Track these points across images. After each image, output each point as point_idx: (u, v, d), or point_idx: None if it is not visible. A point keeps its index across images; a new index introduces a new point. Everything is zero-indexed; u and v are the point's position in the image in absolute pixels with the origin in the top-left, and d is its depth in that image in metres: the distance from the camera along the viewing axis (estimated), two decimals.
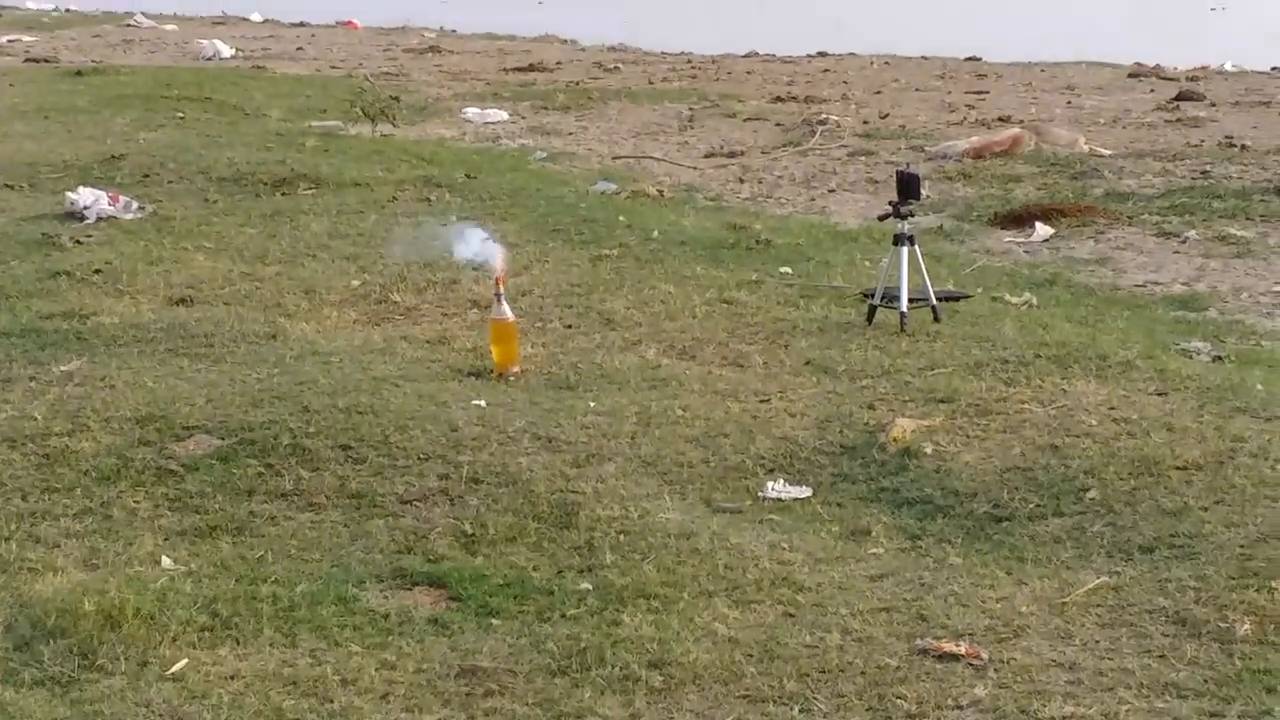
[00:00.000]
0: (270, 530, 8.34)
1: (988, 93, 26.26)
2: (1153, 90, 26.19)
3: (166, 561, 7.91)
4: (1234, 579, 7.45)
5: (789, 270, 13.50)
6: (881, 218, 12.61)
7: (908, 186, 11.72)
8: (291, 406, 9.76)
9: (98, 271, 13.26)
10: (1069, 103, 24.83)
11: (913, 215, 11.81)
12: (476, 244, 11.97)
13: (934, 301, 11.64)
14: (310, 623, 7.26)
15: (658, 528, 8.21)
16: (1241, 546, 7.79)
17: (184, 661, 6.88)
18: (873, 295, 11.73)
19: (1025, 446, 9.18)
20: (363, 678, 6.77)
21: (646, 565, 7.81)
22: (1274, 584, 7.31)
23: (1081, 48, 32.53)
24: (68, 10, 46.47)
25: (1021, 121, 22.08)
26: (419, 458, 9.08)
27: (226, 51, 33.45)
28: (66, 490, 8.76)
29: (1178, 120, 22.74)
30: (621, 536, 8.12)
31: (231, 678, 6.77)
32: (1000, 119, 22.80)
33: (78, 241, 14.52)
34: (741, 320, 11.87)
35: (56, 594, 7.34)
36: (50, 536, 8.19)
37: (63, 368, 10.68)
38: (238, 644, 7.07)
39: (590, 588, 7.61)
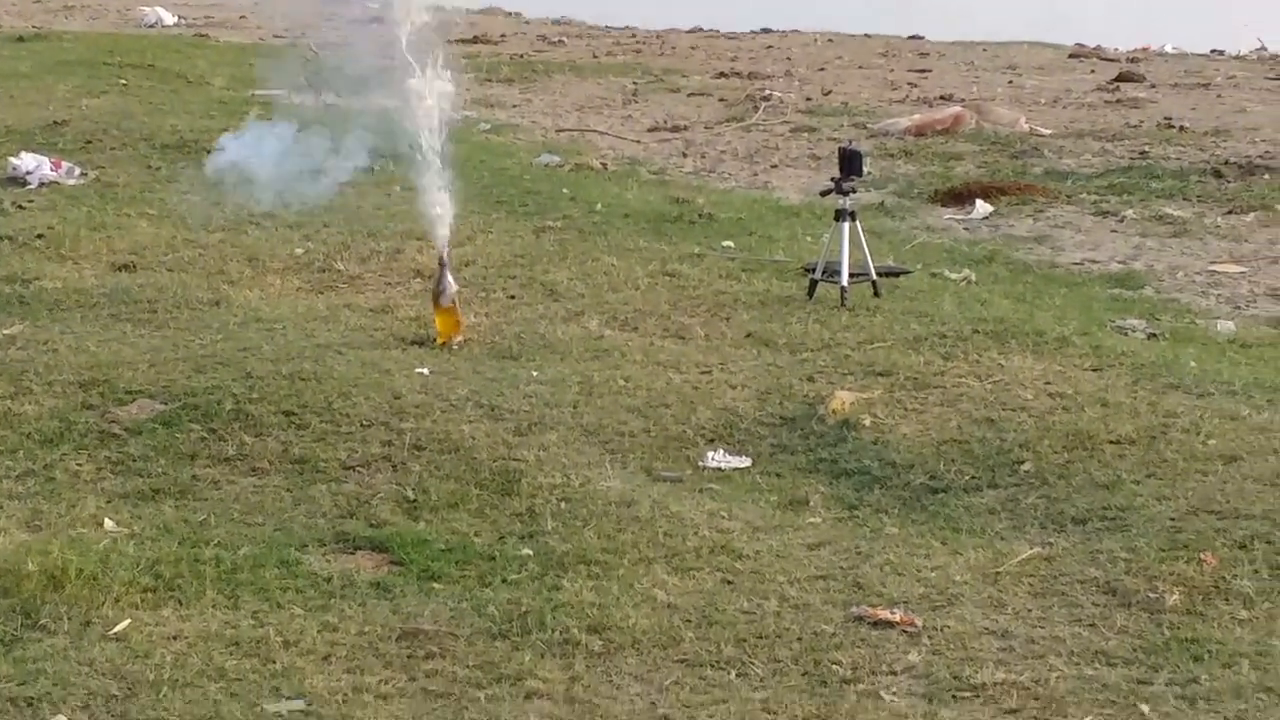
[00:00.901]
0: (213, 494, 8.41)
1: (930, 71, 26.33)
2: (1093, 71, 26.29)
3: (109, 524, 7.96)
4: (1164, 550, 7.60)
5: (731, 244, 13.59)
6: (824, 193, 12.72)
7: (850, 162, 11.84)
8: (235, 372, 9.81)
9: (40, 236, 13.25)
10: (1010, 82, 24.93)
11: (855, 191, 11.92)
12: None
13: (874, 277, 11.76)
14: (253, 585, 7.33)
15: (599, 495, 8.31)
16: (1172, 519, 7.95)
17: (127, 622, 6.94)
18: (814, 270, 11.84)
19: (962, 420, 9.31)
20: (305, 639, 6.85)
21: (587, 532, 7.91)
22: (1202, 555, 7.48)
23: (1024, 28, 32.63)
24: None
25: (963, 100, 22.17)
26: (362, 424, 9.15)
27: (169, 19, 33.20)
28: (9, 452, 8.81)
29: (1117, 101, 22.85)
30: (563, 504, 8.22)
31: (174, 638, 6.84)
32: (942, 97, 22.87)
33: (20, 206, 14.48)
34: (684, 293, 11.95)
35: (0, 555, 7.37)
36: None
37: (5, 331, 10.70)
38: (180, 605, 7.14)
39: (531, 553, 7.71)
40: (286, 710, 6.38)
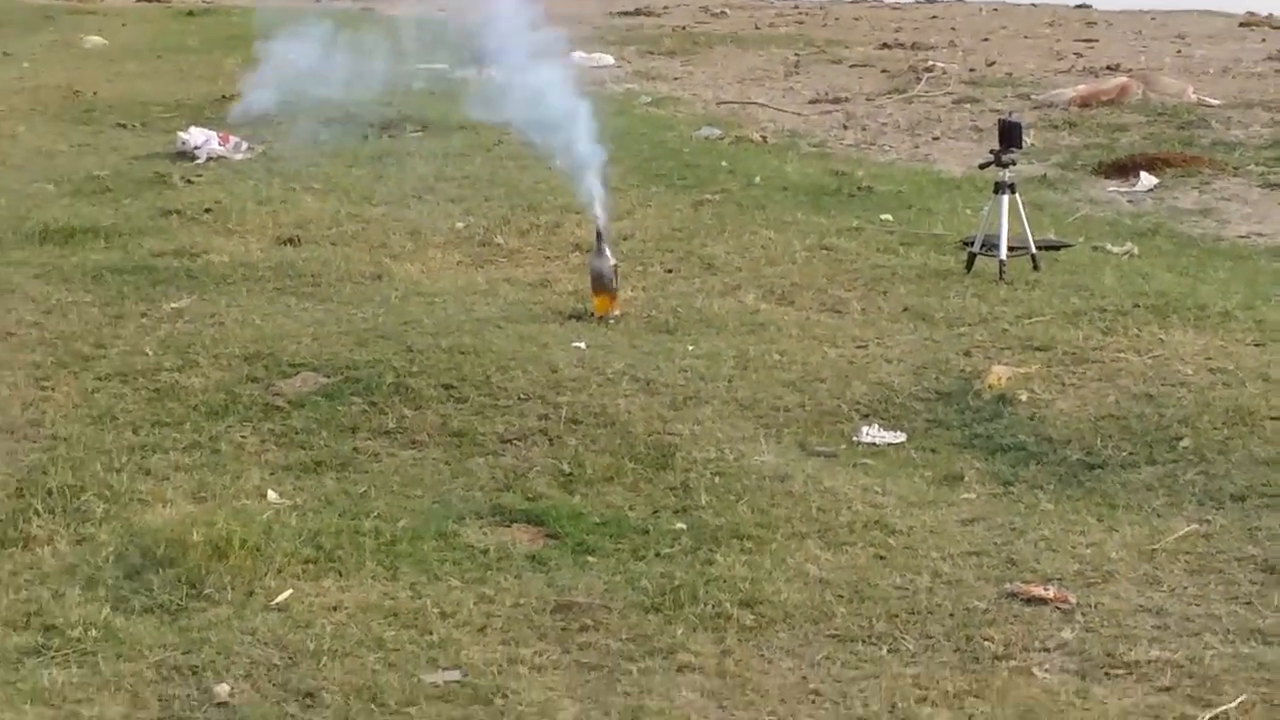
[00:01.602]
0: (373, 467, 8.51)
1: (1097, 41, 26.07)
2: (1264, 40, 25.94)
3: (272, 495, 8.09)
4: None
5: (890, 217, 13.57)
6: (983, 165, 12.65)
7: (1009, 134, 11.76)
8: (396, 346, 9.94)
9: (208, 210, 13.50)
10: (1179, 52, 24.63)
11: (1014, 163, 11.85)
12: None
13: (1033, 250, 11.69)
14: (411, 557, 7.41)
15: (753, 470, 8.33)
16: None
17: (288, 592, 7.05)
18: (972, 243, 11.79)
19: (1120, 395, 9.24)
20: (461, 611, 6.93)
21: (741, 506, 7.93)
22: None
23: None
24: None
25: (1130, 70, 21.92)
26: (519, 398, 9.24)
27: None
28: (176, 424, 8.96)
29: None
30: (717, 478, 8.24)
31: (334, 609, 6.94)
32: (1108, 68, 22.64)
33: (188, 181, 14.77)
34: (841, 266, 11.96)
35: (166, 525, 7.53)
36: (160, 469, 8.37)
37: (173, 305, 10.91)
38: (340, 576, 7.23)
39: (685, 527, 7.74)
40: (443, 680, 6.46)
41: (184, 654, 6.56)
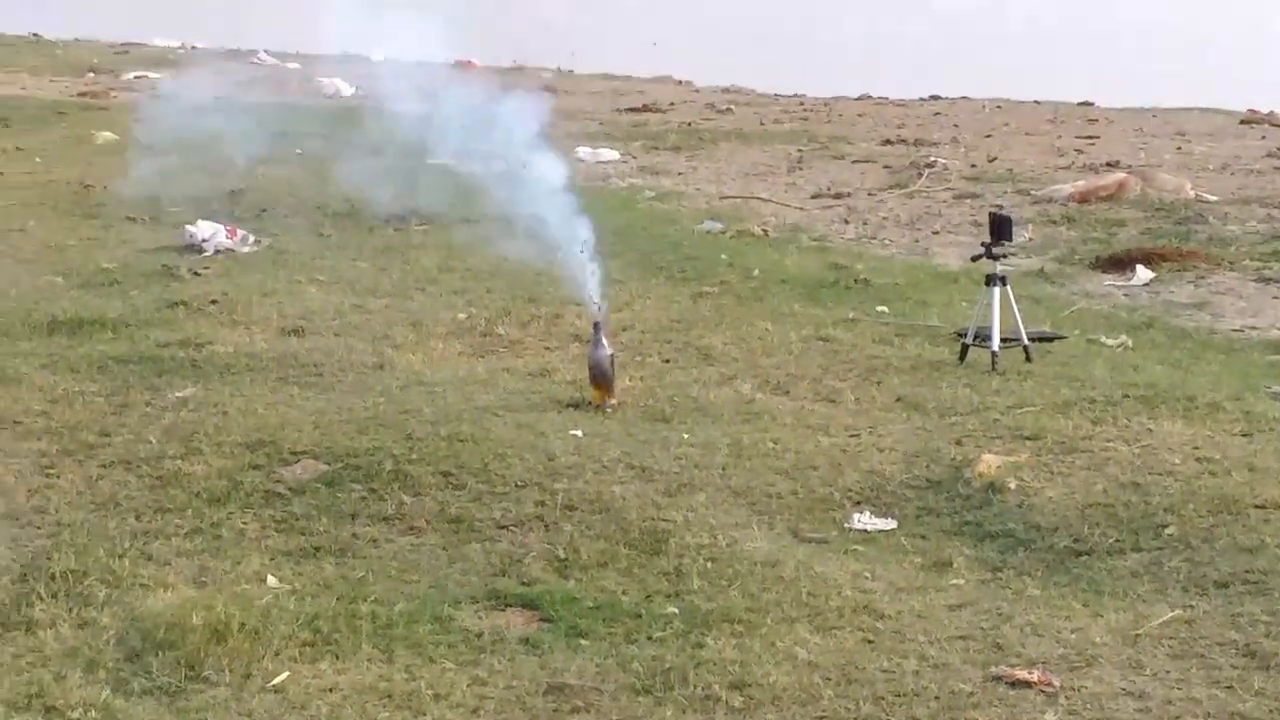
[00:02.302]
0: (372, 552, 8.63)
1: (1098, 138, 26.32)
2: (1264, 137, 26.17)
3: (272, 580, 8.20)
4: None
5: (885, 309, 13.74)
6: (975, 258, 12.82)
7: (1000, 228, 11.95)
8: (396, 434, 10.09)
9: (214, 302, 13.69)
10: (1179, 149, 24.86)
11: (1006, 256, 12.02)
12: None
13: (1025, 341, 11.85)
14: (407, 640, 7.52)
15: (745, 555, 8.45)
16: None
17: (285, 674, 7.16)
18: (965, 334, 11.95)
19: (1108, 483, 9.37)
20: (455, 693, 7.04)
21: (732, 591, 8.05)
22: None
23: (1197, 94, 32.46)
24: (194, 48, 47.12)
25: (1129, 167, 22.13)
26: (516, 485, 9.38)
27: (347, 90, 33.91)
28: (178, 511, 9.09)
29: None
30: (709, 563, 8.36)
31: (330, 690, 7.05)
32: (1109, 164, 22.84)
33: (196, 273, 14.97)
34: (837, 357, 12.12)
35: (166, 609, 7.64)
36: (162, 554, 8.49)
37: (178, 394, 11.06)
38: (337, 659, 7.34)
39: (677, 611, 7.85)
40: None
41: None
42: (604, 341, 10.98)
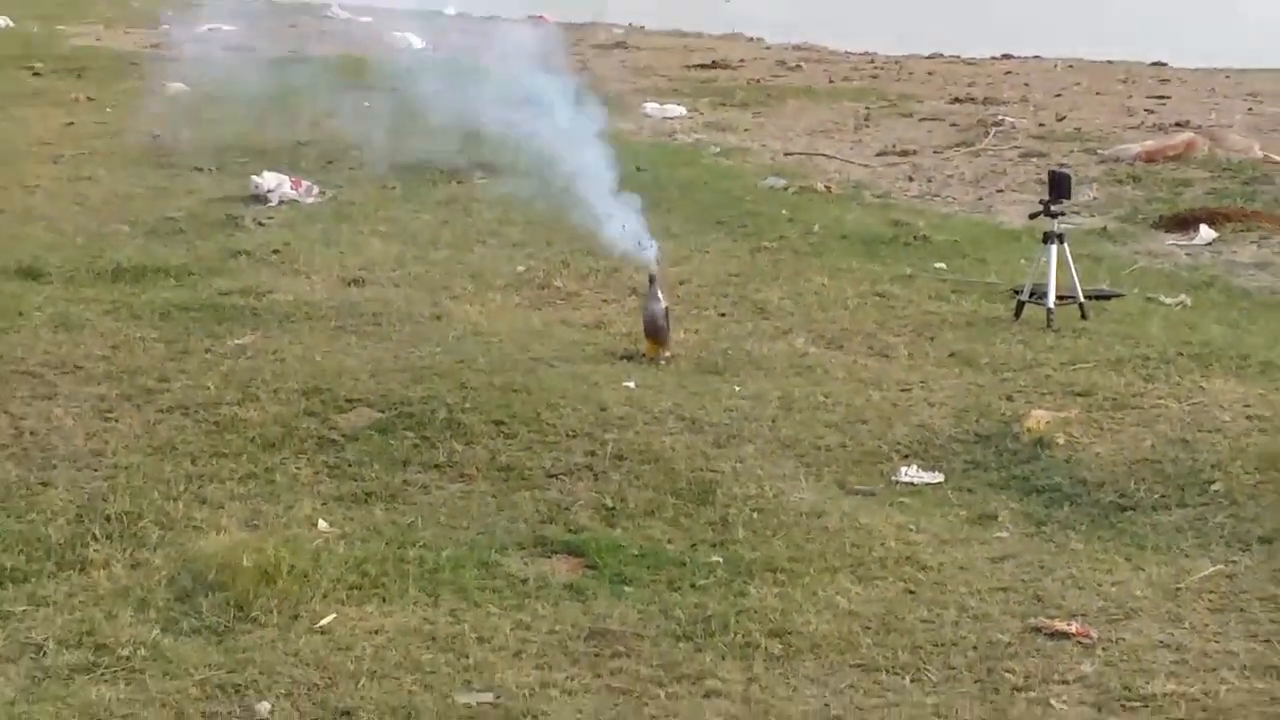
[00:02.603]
0: (422, 498, 8.74)
1: (1169, 98, 26.09)
2: None
3: (323, 524, 8.33)
4: None
5: (944, 265, 13.75)
6: (1033, 216, 12.83)
7: (1058, 185, 11.96)
8: (450, 383, 10.19)
9: (276, 252, 13.82)
10: (1250, 109, 24.63)
11: (1063, 214, 12.02)
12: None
13: (1081, 299, 11.84)
14: (453, 584, 7.64)
15: (790, 506, 8.53)
16: None
17: (332, 616, 7.30)
18: (1021, 291, 11.96)
19: (1156, 440, 9.40)
20: (498, 636, 7.16)
21: (776, 541, 8.14)
22: None
23: (1272, 54, 32.12)
24: (268, 1, 47.27)
25: (1199, 127, 21.97)
26: (568, 434, 9.47)
27: (419, 43, 34.00)
28: (234, 456, 9.22)
29: None
30: (755, 514, 8.45)
31: (375, 632, 7.17)
32: (1178, 124, 22.64)
33: (259, 223, 15.09)
34: (892, 313, 12.16)
35: (218, 550, 7.76)
36: (216, 498, 8.63)
37: (237, 341, 11.19)
38: (384, 602, 7.47)
39: (721, 560, 7.94)
40: (476, 702, 6.68)
41: (228, 673, 6.81)
42: (659, 294, 11.05)
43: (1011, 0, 45.45)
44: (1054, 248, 11.78)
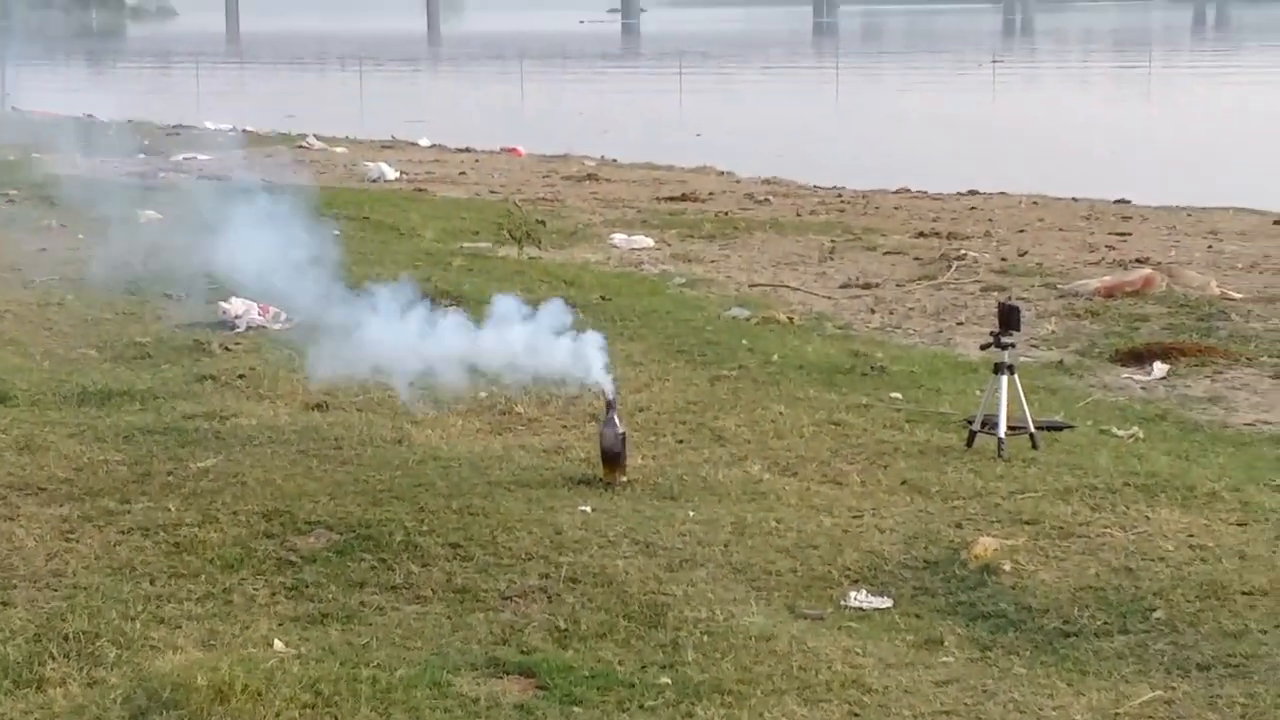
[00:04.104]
0: (378, 619, 8.86)
1: (1130, 234, 26.40)
2: None
3: (278, 644, 8.43)
4: None
5: (899, 395, 13.94)
6: (984, 347, 13.05)
7: (1009, 318, 12.18)
8: (408, 506, 10.36)
9: (241, 377, 13.98)
10: (1210, 247, 24.95)
11: (1013, 345, 12.24)
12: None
13: (1032, 430, 12.04)
14: (405, 704, 7.74)
15: (740, 630, 8.66)
16: None
17: None
18: (973, 421, 12.16)
19: (1101, 568, 9.56)
20: None
21: (725, 663, 8.26)
22: None
23: (1232, 194, 32.54)
24: (244, 131, 47.68)
25: (1159, 264, 22.26)
26: (523, 557, 9.62)
27: (391, 174, 34.32)
28: (192, 576, 9.35)
29: None
30: (705, 636, 8.57)
31: None
32: (1138, 260, 22.93)
33: (226, 349, 15.25)
34: (846, 441, 12.33)
35: (173, 669, 7.87)
36: (173, 618, 8.74)
37: (199, 464, 11.33)
38: None
39: (670, 682, 8.05)
40: None
41: None
42: (616, 420, 11.23)
43: (980, 139, 46.06)
44: (1004, 378, 11.99)
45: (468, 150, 42.69)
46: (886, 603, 9.27)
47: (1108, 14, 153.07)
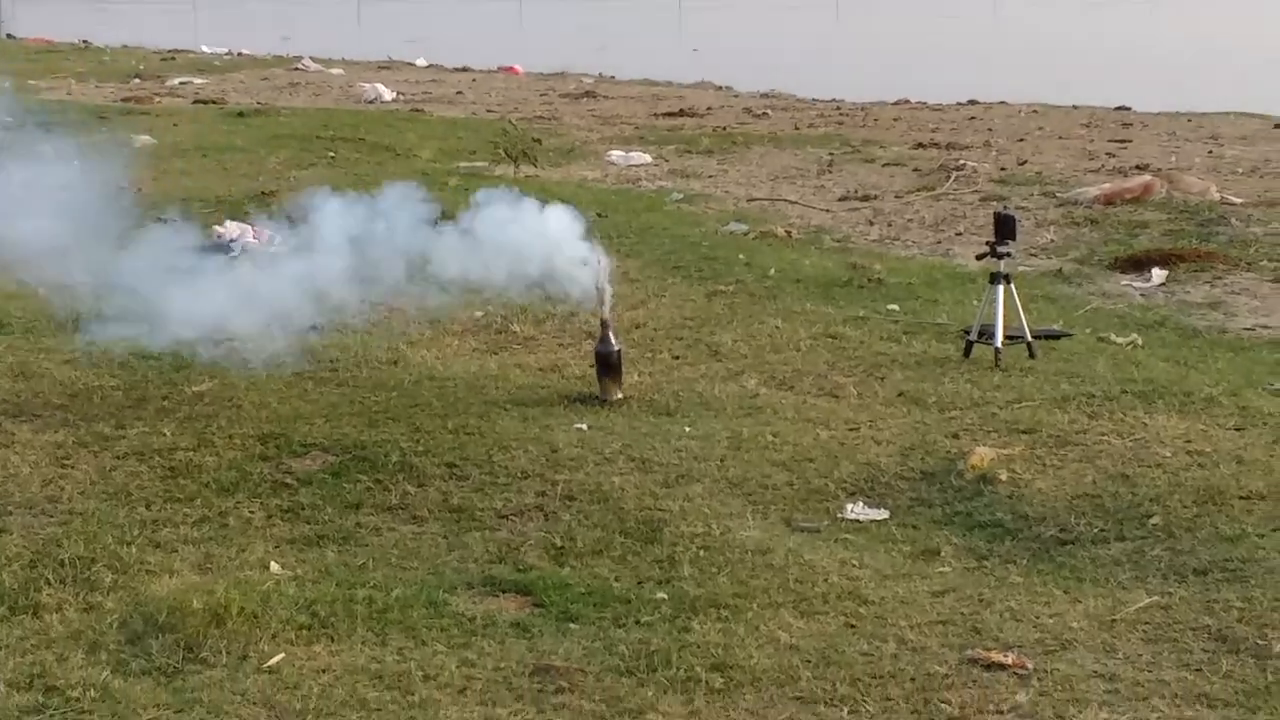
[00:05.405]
0: (374, 540, 8.86)
1: (1130, 141, 26.30)
2: None
3: (274, 567, 8.44)
4: (1278, 600, 7.78)
5: (896, 307, 13.90)
6: (979, 257, 13.02)
7: (1004, 227, 12.12)
8: (404, 427, 10.34)
9: None
10: (1210, 152, 24.85)
11: (1010, 255, 12.18)
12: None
13: (1029, 339, 12.00)
14: (401, 624, 7.74)
15: (736, 544, 8.66)
16: None
17: (280, 656, 7.39)
18: (970, 332, 12.12)
19: (1098, 475, 9.54)
20: (443, 674, 7.26)
21: (721, 577, 8.26)
22: None
23: (1234, 98, 32.40)
24: (240, 54, 47.51)
25: (1159, 170, 22.16)
26: (519, 476, 9.61)
27: (388, 95, 34.20)
28: (188, 500, 9.34)
29: None
30: (701, 551, 8.57)
31: (323, 671, 7.27)
32: (1138, 167, 22.82)
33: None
34: (843, 354, 12.30)
35: (169, 593, 7.89)
36: (169, 542, 8.73)
37: (195, 388, 11.29)
38: (332, 641, 7.57)
39: (666, 597, 8.05)
40: None
41: (176, 713, 6.90)
42: (611, 337, 11.19)
43: (981, 48, 45.87)
44: (1000, 288, 11.94)
45: (465, 70, 42.58)
46: (883, 514, 9.25)
47: None
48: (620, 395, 11.11)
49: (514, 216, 11.37)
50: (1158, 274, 15.84)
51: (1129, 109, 31.75)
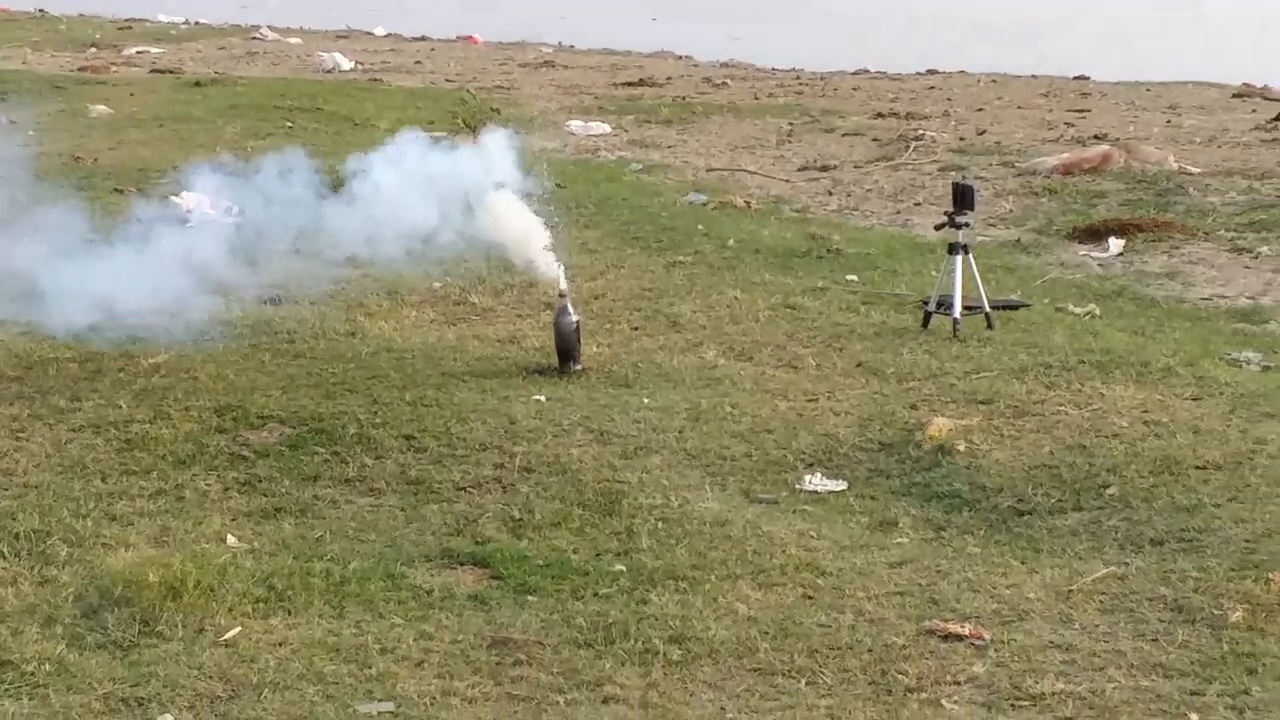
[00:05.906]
0: (331, 513, 8.83)
1: (1089, 111, 26.36)
2: (1254, 110, 26.20)
3: (231, 539, 8.41)
4: (1234, 570, 7.82)
5: (855, 278, 13.90)
6: (938, 227, 13.03)
7: (963, 197, 12.13)
8: (361, 399, 10.30)
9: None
10: (1168, 122, 24.93)
11: (968, 225, 12.19)
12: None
13: (987, 309, 12.01)
14: (358, 597, 7.72)
15: (695, 515, 8.65)
16: (1247, 541, 8.16)
17: (237, 629, 7.36)
18: (928, 302, 12.12)
19: (1055, 445, 9.56)
20: (401, 646, 7.24)
21: (679, 549, 8.25)
22: (1271, 575, 7.66)
23: (1194, 68, 32.47)
24: (197, 23, 47.18)
25: (1117, 139, 22.19)
26: (477, 448, 9.58)
27: (346, 64, 34.04)
28: (144, 473, 9.29)
29: (1274, 140, 22.76)
30: (660, 523, 8.56)
31: (280, 644, 7.25)
32: (1096, 137, 22.88)
33: None
34: (802, 324, 12.30)
35: (125, 566, 7.85)
36: (125, 515, 8.69)
37: (151, 360, 11.22)
38: (289, 614, 7.55)
39: (624, 569, 8.05)
40: (377, 711, 6.76)
41: (132, 687, 6.87)
42: (569, 308, 11.16)
43: (942, 20, 45.87)
44: (959, 258, 11.94)
45: (424, 39, 42.38)
46: (841, 485, 9.26)
47: None
48: (579, 367, 11.07)
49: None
50: (1115, 244, 15.87)
51: (1088, 78, 31.81)
